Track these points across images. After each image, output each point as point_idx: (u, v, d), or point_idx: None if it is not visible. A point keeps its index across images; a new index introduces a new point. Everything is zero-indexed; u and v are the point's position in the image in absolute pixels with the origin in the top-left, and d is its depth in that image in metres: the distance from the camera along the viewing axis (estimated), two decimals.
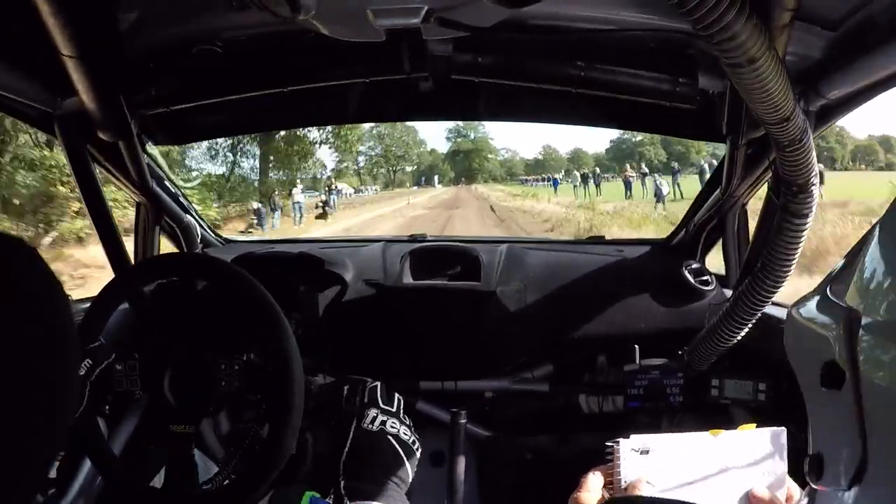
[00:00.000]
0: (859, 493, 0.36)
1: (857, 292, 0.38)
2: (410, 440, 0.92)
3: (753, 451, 0.66)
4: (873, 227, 0.39)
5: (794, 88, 0.79)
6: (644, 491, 0.62)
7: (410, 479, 0.89)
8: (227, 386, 0.99)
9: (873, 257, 0.38)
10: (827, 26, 0.86)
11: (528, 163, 58.58)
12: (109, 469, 0.99)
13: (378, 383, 0.99)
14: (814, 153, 0.89)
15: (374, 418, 0.89)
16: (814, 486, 0.41)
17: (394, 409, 0.94)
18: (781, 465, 0.66)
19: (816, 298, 0.44)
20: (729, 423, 1.33)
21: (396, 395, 1.01)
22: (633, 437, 0.66)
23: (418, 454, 0.92)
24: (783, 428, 0.67)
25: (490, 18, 0.83)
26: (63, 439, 0.41)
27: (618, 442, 0.66)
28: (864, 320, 0.35)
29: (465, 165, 55.24)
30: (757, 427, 0.67)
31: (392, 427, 0.90)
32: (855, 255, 0.41)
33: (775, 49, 0.71)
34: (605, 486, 0.65)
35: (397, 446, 0.88)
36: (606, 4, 0.96)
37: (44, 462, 0.39)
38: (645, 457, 0.65)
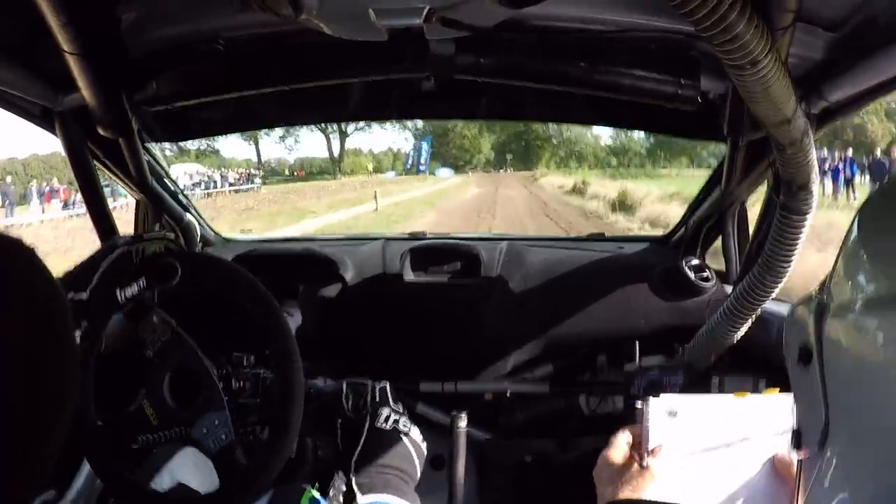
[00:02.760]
0: (827, 455, 0.41)
1: (838, 278, 0.42)
2: (420, 439, 0.92)
3: (777, 416, 0.66)
4: (853, 219, 0.41)
5: (795, 91, 0.79)
6: (664, 456, 0.63)
7: (418, 477, 0.89)
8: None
9: (851, 245, 0.41)
10: (828, 27, 0.87)
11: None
12: (109, 469, 0.99)
13: (387, 383, 0.99)
14: (814, 154, 0.89)
15: (388, 417, 0.91)
16: (794, 455, 0.46)
17: (402, 409, 0.95)
18: (789, 428, 0.66)
19: (807, 296, 0.47)
20: None
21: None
22: (662, 396, 0.66)
23: (425, 453, 0.93)
24: (791, 394, 0.67)
25: (492, 19, 0.84)
26: (62, 439, 0.41)
27: (647, 401, 0.66)
28: (834, 302, 0.40)
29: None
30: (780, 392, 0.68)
31: (404, 426, 0.91)
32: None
33: (777, 51, 0.72)
34: (632, 446, 0.66)
35: (409, 444, 0.89)
36: (608, 6, 0.96)
37: (44, 462, 0.39)
38: (672, 418, 0.66)
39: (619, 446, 0.66)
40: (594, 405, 1.48)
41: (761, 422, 0.66)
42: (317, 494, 0.96)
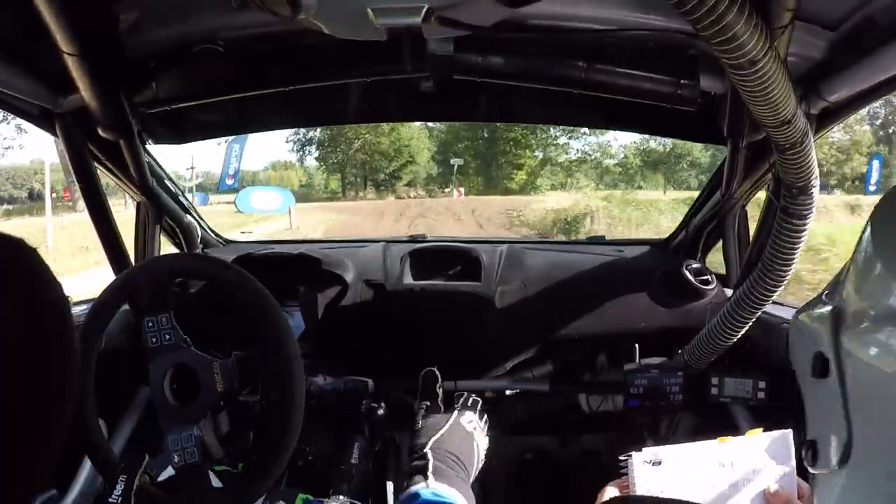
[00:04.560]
0: (848, 472, 0.39)
1: (851, 286, 0.40)
2: (485, 451, 0.96)
3: (762, 455, 0.69)
4: (866, 224, 0.41)
5: (795, 91, 0.79)
6: None
7: (471, 483, 0.91)
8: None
9: (864, 252, 0.40)
10: (828, 26, 0.86)
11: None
12: (109, 469, 0.99)
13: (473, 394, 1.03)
14: (814, 156, 0.89)
15: (471, 421, 0.96)
16: (811, 469, 0.43)
17: (484, 424, 1.00)
18: (790, 465, 0.69)
19: (815, 301, 0.46)
20: (729, 421, 1.33)
21: None
22: (644, 449, 0.68)
23: (481, 466, 0.95)
24: (790, 430, 0.68)
25: (491, 18, 0.83)
26: (63, 438, 0.41)
27: (630, 455, 0.68)
28: (850, 311, 0.38)
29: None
30: (763, 431, 0.70)
31: (480, 438, 0.96)
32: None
33: (776, 50, 0.71)
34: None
35: (476, 450, 0.93)
36: (607, 4, 0.96)
37: (44, 462, 0.39)
38: (657, 468, 0.68)
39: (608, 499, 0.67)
40: (594, 403, 1.48)
41: (747, 462, 0.69)
42: (310, 497, 0.96)
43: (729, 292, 1.37)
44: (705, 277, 1.42)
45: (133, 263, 1.39)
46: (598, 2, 0.97)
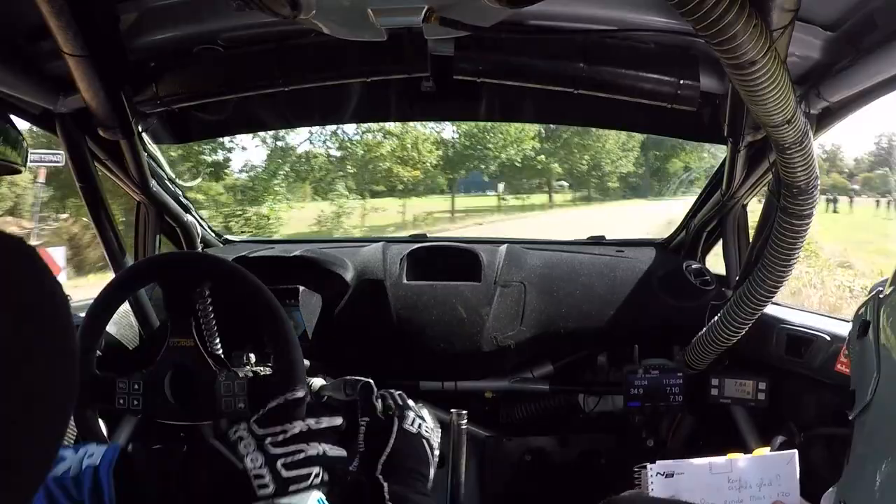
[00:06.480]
0: (861, 422, 0.49)
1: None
2: (437, 444, 0.93)
3: (770, 474, 0.74)
4: None
5: (795, 91, 0.79)
6: None
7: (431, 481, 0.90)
8: (229, 387, 0.98)
9: None
10: (827, 26, 0.87)
11: None
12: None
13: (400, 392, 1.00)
14: (814, 156, 0.89)
15: (414, 420, 0.91)
16: (849, 416, 0.54)
17: (424, 414, 0.96)
18: (795, 485, 0.74)
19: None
20: (729, 422, 1.33)
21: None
22: (658, 462, 0.73)
23: (437, 459, 0.93)
24: (794, 451, 0.73)
25: (490, 18, 0.83)
26: (61, 439, 0.41)
27: (645, 466, 0.73)
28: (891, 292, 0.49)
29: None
30: (770, 449, 0.79)
31: (426, 431, 0.92)
32: None
33: (776, 50, 0.71)
34: None
35: (428, 449, 0.90)
36: (607, 4, 0.96)
37: (42, 462, 0.39)
38: (670, 480, 0.73)
39: None
40: (594, 404, 1.48)
41: (754, 479, 0.74)
42: (323, 497, 0.95)
43: (729, 293, 1.36)
44: (705, 278, 1.42)
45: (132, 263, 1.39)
46: (598, 2, 0.97)
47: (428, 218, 14.88)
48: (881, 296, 0.49)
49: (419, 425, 0.90)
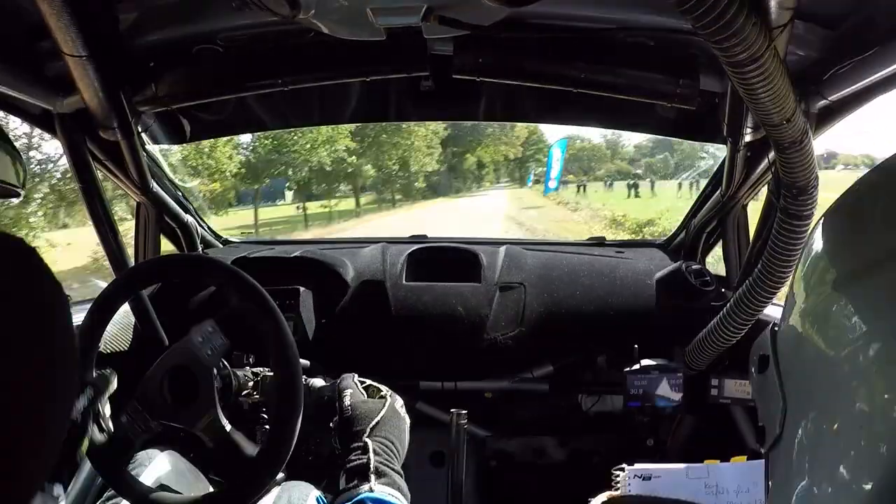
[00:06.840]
0: (775, 455, 0.46)
1: (800, 281, 0.44)
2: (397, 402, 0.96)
3: (744, 481, 0.75)
4: (817, 222, 0.44)
5: (794, 89, 0.78)
6: None
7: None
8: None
9: (814, 248, 0.43)
10: (827, 25, 0.86)
11: None
12: (109, 469, 0.99)
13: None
14: (814, 155, 0.89)
15: (402, 406, 0.96)
16: (761, 450, 0.50)
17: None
18: (761, 492, 0.75)
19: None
20: (729, 422, 1.33)
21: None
22: (636, 464, 0.75)
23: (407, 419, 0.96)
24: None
25: (490, 17, 0.83)
26: (61, 438, 0.41)
27: (622, 469, 0.75)
28: (794, 308, 0.44)
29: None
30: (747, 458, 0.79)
31: (407, 424, 0.95)
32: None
33: (776, 48, 0.71)
34: None
35: (407, 438, 0.93)
36: (607, 4, 0.96)
37: (43, 461, 0.39)
38: (647, 482, 0.75)
39: None
40: (593, 404, 1.47)
41: (729, 485, 0.75)
42: (321, 494, 0.95)
43: (729, 294, 1.36)
44: (705, 278, 1.42)
45: (133, 263, 1.38)
46: (598, 2, 0.97)
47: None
48: (776, 329, 0.49)
49: (406, 412, 0.96)
